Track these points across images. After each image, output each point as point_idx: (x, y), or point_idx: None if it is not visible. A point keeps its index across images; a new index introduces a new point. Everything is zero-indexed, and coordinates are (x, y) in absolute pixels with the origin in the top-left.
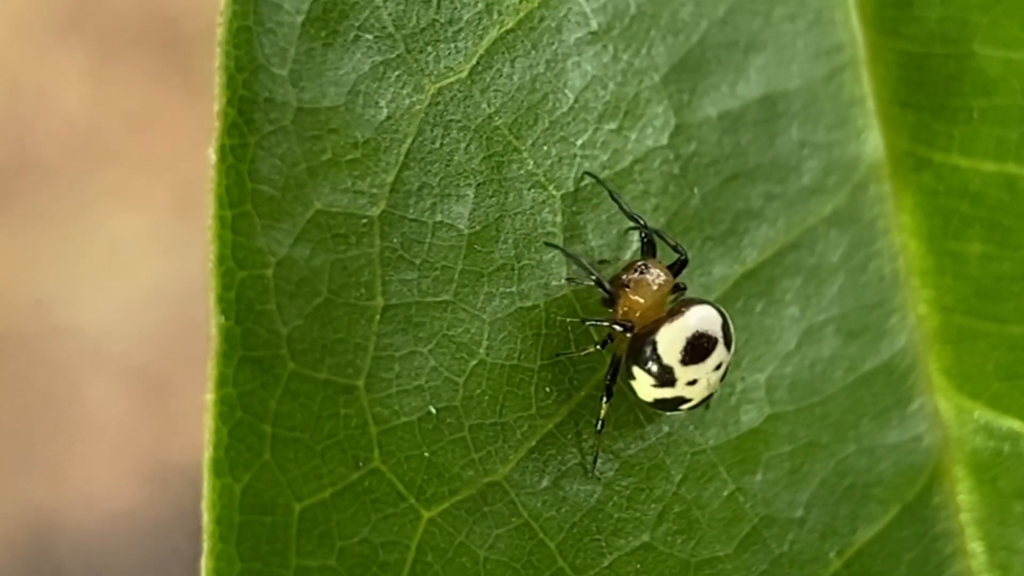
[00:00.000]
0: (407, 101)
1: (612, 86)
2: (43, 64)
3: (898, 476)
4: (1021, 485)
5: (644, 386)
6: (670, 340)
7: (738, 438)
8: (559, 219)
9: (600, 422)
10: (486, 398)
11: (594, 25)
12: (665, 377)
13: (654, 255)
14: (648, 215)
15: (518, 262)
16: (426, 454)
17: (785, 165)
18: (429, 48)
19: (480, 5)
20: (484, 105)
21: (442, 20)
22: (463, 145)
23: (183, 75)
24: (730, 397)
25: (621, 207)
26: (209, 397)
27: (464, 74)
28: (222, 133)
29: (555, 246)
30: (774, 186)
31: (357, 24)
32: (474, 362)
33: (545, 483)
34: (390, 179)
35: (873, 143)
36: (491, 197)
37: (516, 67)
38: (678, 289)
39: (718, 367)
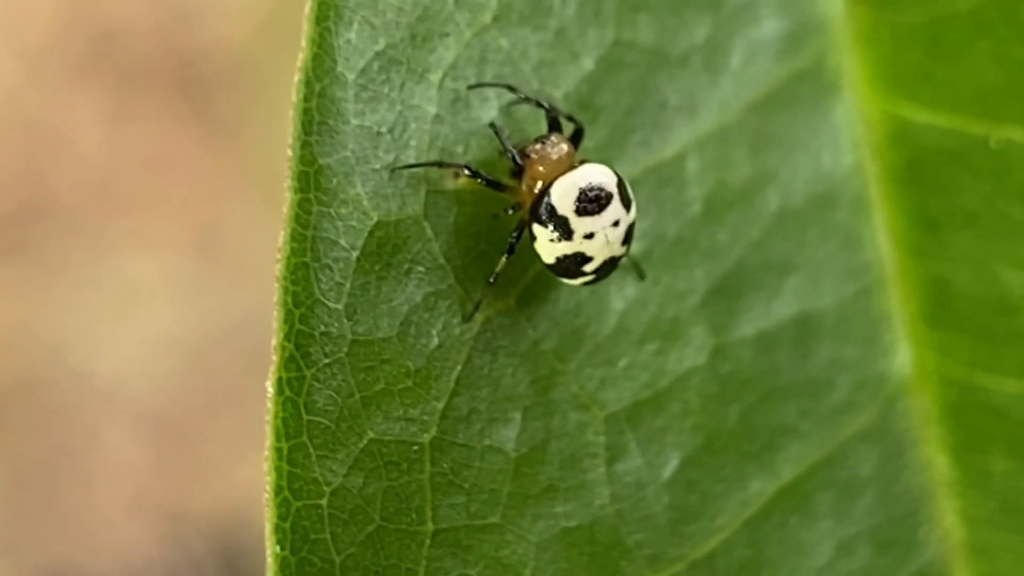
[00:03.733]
0: (457, 330)
1: (653, 308)
2: (60, 106)
3: None
4: None
5: (544, 243)
6: (563, 191)
7: None
8: (602, 439)
9: (494, 276)
10: None
11: (635, 250)
12: (561, 228)
13: (560, 131)
14: (687, 433)
15: (563, 483)
16: None
17: (818, 382)
18: (479, 277)
19: (525, 233)
20: (530, 331)
21: (491, 251)
22: (510, 370)
23: (200, 118)
24: None
25: (517, 93)
26: None
27: (511, 302)
28: (279, 367)
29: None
30: (807, 403)
31: (410, 257)
32: None
33: None
34: (441, 406)
35: (901, 359)
36: (537, 420)
37: (561, 293)
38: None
39: (616, 224)
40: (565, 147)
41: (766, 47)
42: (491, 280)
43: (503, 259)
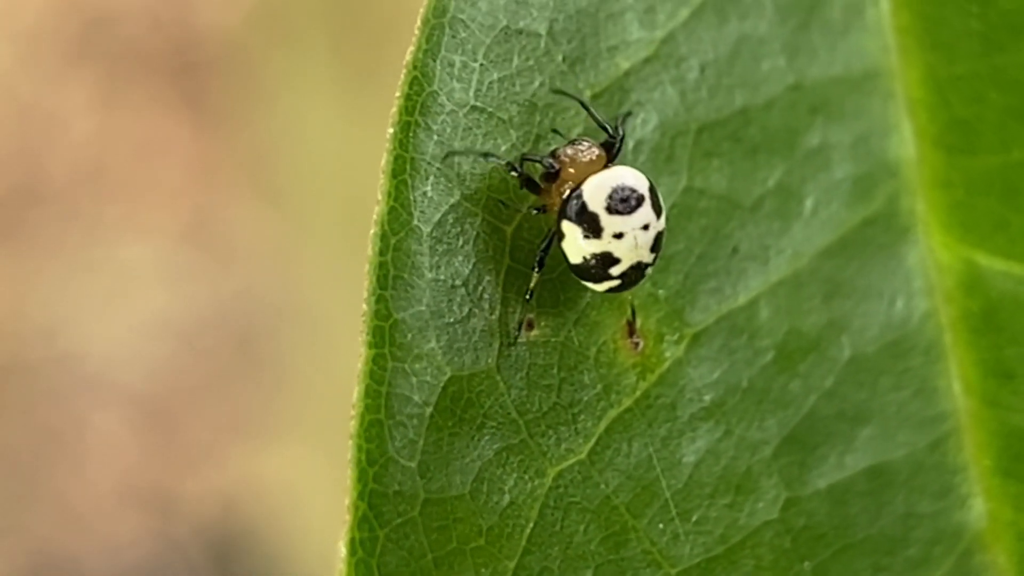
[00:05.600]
0: (529, 485)
1: (725, 461)
2: (53, 91)
3: None
4: None
5: (573, 242)
6: (595, 188)
7: None
8: None
9: (529, 292)
10: None
11: (707, 401)
12: (592, 225)
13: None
14: None
15: None
16: None
17: (892, 536)
18: (550, 431)
19: (599, 387)
20: (603, 485)
21: (563, 403)
22: (582, 527)
23: (192, 103)
24: None
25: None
26: None
27: (583, 455)
28: (352, 527)
29: (488, 155)
30: (882, 558)
31: (483, 412)
32: None
33: None
34: (512, 565)
35: (977, 511)
36: None
37: (633, 446)
38: None
39: (646, 227)
40: (596, 151)
41: (838, 192)
42: (527, 296)
43: (535, 275)
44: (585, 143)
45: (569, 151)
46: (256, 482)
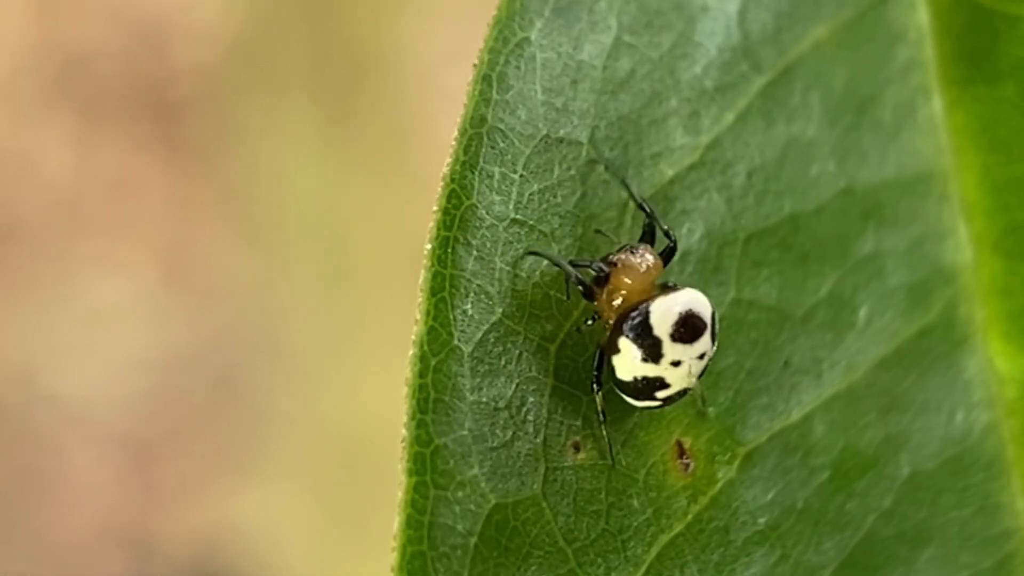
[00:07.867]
0: None
1: None
2: (27, 129)
3: None
4: None
5: (628, 360)
6: (663, 312)
7: None
8: None
9: (601, 413)
10: None
11: (761, 524)
12: (653, 350)
13: (652, 243)
14: None
15: None
16: None
17: None
18: (599, 560)
19: (649, 511)
20: None
21: (612, 529)
22: None
23: (168, 142)
24: None
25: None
26: None
27: None
28: None
29: (537, 253)
30: None
31: (528, 540)
32: None
33: None
34: None
35: None
36: None
37: (685, 574)
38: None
39: (702, 356)
40: (651, 259)
41: (893, 300)
42: (601, 418)
43: (597, 397)
44: (640, 248)
45: (623, 256)
46: (237, 520)
